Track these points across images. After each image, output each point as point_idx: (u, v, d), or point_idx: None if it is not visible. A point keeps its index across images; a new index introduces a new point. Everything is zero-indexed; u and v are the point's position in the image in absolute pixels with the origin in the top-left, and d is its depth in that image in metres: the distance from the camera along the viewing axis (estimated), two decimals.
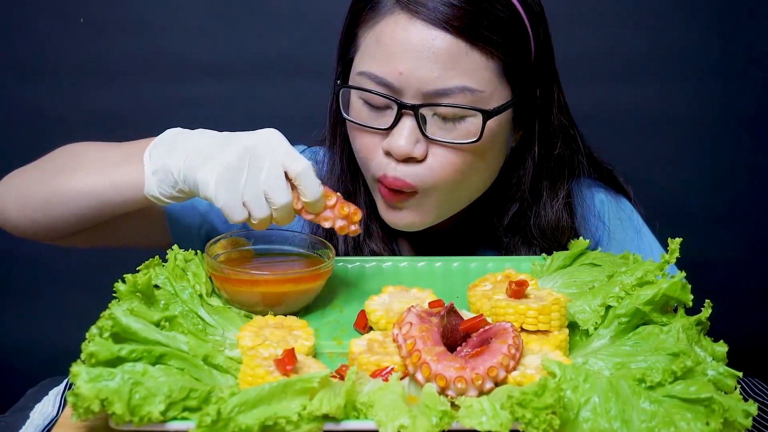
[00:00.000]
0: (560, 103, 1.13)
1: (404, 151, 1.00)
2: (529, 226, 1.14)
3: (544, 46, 1.08)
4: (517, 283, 0.88)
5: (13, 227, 1.10)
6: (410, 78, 0.98)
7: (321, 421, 0.69)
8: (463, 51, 0.98)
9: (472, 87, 0.99)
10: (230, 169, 0.88)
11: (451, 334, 0.80)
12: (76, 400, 0.68)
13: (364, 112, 1.04)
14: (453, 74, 0.98)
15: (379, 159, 1.04)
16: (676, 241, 0.92)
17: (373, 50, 1.02)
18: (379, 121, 1.03)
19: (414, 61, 0.98)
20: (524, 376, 0.75)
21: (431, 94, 0.99)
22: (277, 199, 0.89)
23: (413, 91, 0.99)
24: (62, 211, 1.03)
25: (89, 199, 1.00)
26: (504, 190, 1.14)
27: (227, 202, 0.88)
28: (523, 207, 1.14)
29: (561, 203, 1.14)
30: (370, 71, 1.01)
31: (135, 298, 0.87)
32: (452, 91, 0.98)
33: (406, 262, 1.09)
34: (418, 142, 1.01)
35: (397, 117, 1.00)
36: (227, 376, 0.79)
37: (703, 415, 0.69)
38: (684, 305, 0.87)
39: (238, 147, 0.89)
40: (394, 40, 0.99)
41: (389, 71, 0.99)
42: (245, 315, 0.95)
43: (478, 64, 0.99)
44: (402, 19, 0.99)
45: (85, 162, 1.03)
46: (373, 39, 1.02)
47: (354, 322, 0.96)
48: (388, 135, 1.02)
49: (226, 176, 0.88)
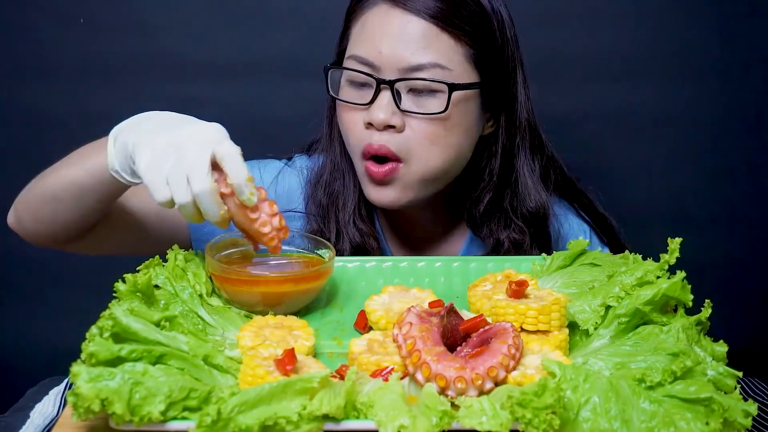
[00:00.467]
0: (525, 98, 1.22)
1: (381, 120, 1.12)
2: (509, 208, 1.24)
3: (511, 46, 1.19)
4: (517, 283, 0.88)
5: (28, 234, 1.16)
6: (389, 56, 1.12)
7: (321, 421, 0.69)
8: (435, 33, 1.12)
9: (442, 64, 1.12)
10: (163, 150, 0.90)
11: (451, 334, 0.80)
12: (76, 399, 0.68)
13: (350, 91, 1.17)
14: (426, 52, 1.11)
15: (362, 131, 1.15)
16: (676, 241, 0.92)
17: (358, 36, 1.16)
18: (361, 98, 1.15)
19: (392, 41, 1.12)
20: (524, 376, 0.75)
21: (406, 69, 1.12)
22: (195, 183, 0.88)
23: (391, 68, 1.12)
24: (55, 207, 1.08)
25: (71, 188, 1.05)
26: (477, 178, 1.24)
27: (152, 179, 0.89)
28: (501, 191, 1.24)
29: (537, 182, 1.24)
30: (356, 53, 1.15)
31: (135, 298, 0.87)
32: (425, 66, 1.11)
33: (406, 263, 1.09)
34: (394, 114, 1.13)
35: (376, 92, 1.13)
36: (227, 376, 0.79)
37: (703, 415, 0.69)
38: (684, 305, 0.87)
39: (178, 131, 0.91)
40: (375, 25, 1.14)
41: (371, 51, 1.13)
42: (245, 315, 0.95)
43: (448, 46, 1.13)
44: (383, 8, 1.14)
45: (68, 159, 1.10)
46: (359, 27, 1.16)
47: (354, 322, 0.96)
48: (369, 109, 1.13)
49: (158, 155, 0.90)
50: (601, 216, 1.34)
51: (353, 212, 1.24)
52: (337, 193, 1.25)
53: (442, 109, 1.12)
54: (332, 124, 1.26)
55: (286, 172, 1.30)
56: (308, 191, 1.28)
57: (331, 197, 1.25)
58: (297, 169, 1.30)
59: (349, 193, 1.25)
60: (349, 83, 1.17)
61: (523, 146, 1.23)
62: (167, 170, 0.89)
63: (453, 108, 1.13)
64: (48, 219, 1.10)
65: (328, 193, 1.25)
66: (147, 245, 1.23)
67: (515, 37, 1.20)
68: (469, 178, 1.24)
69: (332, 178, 1.26)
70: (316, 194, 1.26)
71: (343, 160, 1.25)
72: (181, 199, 0.88)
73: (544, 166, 1.26)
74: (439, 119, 1.13)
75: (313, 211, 1.26)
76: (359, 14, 1.17)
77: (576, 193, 1.34)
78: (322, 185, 1.26)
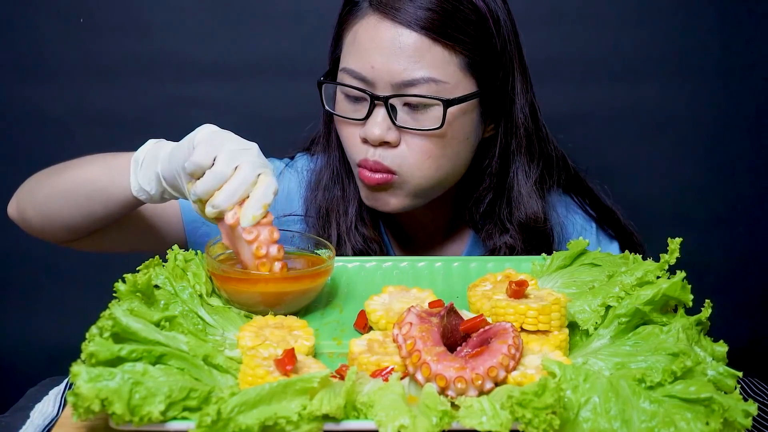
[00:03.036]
0: (525, 99, 1.20)
1: (377, 137, 1.10)
2: (503, 214, 1.22)
3: (509, 47, 1.16)
4: (517, 283, 0.88)
5: (31, 226, 1.17)
6: (381, 71, 1.09)
7: (321, 421, 0.69)
8: (427, 46, 1.08)
9: (436, 78, 1.09)
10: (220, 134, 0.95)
11: (451, 334, 0.80)
12: (76, 399, 0.68)
13: (345, 105, 1.15)
14: (419, 66, 1.08)
15: (359, 146, 1.14)
16: (676, 241, 0.92)
17: (350, 48, 1.13)
18: (357, 113, 1.13)
19: (384, 56, 1.09)
20: (524, 376, 0.75)
21: (399, 84, 1.09)
22: (245, 167, 0.92)
23: (384, 84, 1.10)
24: (63, 203, 1.10)
25: (84, 186, 1.08)
26: (477, 180, 1.23)
27: (206, 150, 0.93)
28: (497, 196, 1.23)
29: (531, 190, 1.21)
30: (349, 67, 1.12)
31: (135, 298, 0.87)
32: (418, 82, 1.08)
33: (406, 263, 1.09)
34: (390, 130, 1.11)
35: (371, 108, 1.11)
36: (227, 376, 0.79)
37: (703, 415, 0.69)
38: (684, 305, 0.87)
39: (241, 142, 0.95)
40: (366, 38, 1.11)
41: (363, 66, 1.10)
42: (245, 315, 0.95)
43: (442, 58, 1.09)
44: (374, 20, 1.11)
45: (82, 160, 1.12)
46: (351, 38, 1.14)
47: (354, 322, 0.96)
48: (365, 124, 1.12)
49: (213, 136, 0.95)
50: (608, 210, 1.31)
51: (355, 218, 1.23)
52: (338, 200, 1.24)
53: (438, 125, 1.09)
54: (330, 130, 1.25)
55: (286, 174, 1.29)
56: (307, 195, 1.27)
57: (331, 203, 1.24)
58: (297, 170, 1.30)
59: (350, 200, 1.24)
60: (344, 96, 1.15)
61: (519, 152, 1.20)
62: (224, 147, 0.92)
63: (449, 122, 1.10)
64: (53, 213, 1.11)
65: (327, 199, 1.24)
66: (144, 245, 1.23)
67: (515, 35, 1.17)
68: (472, 179, 1.23)
69: (332, 183, 1.25)
70: (316, 199, 1.25)
71: (342, 167, 1.24)
72: (224, 168, 0.92)
73: (543, 169, 1.23)
74: (435, 135, 1.11)
75: (312, 215, 1.25)
76: (350, 24, 1.14)
77: (583, 189, 1.32)
78: (322, 191, 1.25)
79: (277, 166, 1.30)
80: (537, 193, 1.22)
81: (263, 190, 0.92)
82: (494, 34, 1.13)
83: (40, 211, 1.13)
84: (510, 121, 1.19)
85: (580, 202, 1.32)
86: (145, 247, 1.24)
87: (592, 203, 1.32)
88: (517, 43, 1.18)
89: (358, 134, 1.13)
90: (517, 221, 1.21)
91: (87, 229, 1.14)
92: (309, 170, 1.29)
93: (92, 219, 1.11)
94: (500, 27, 1.14)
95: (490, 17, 1.12)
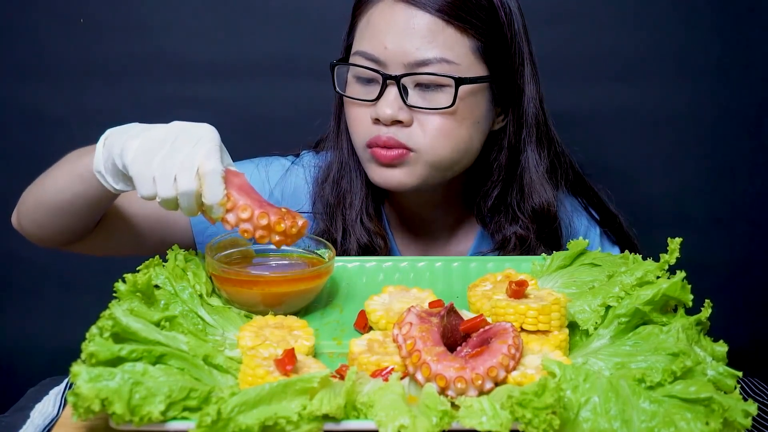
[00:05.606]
0: (535, 91, 1.21)
1: (388, 116, 1.11)
2: (514, 202, 1.23)
3: (519, 38, 1.18)
4: (517, 283, 0.88)
5: (29, 235, 1.17)
6: (394, 51, 1.11)
7: (321, 421, 0.69)
8: (441, 27, 1.11)
9: (448, 58, 1.11)
10: (151, 145, 0.89)
11: (451, 334, 0.80)
12: (76, 399, 0.68)
13: (356, 87, 1.16)
14: (431, 47, 1.10)
15: (369, 127, 1.14)
16: (676, 241, 0.92)
17: (364, 31, 1.16)
18: (368, 95, 1.14)
19: (397, 36, 1.11)
20: (524, 376, 0.75)
21: (412, 64, 1.11)
22: (181, 183, 0.88)
23: (396, 64, 1.11)
24: (49, 210, 1.09)
25: (63, 193, 1.06)
26: (485, 174, 1.24)
27: (139, 172, 0.89)
28: (507, 185, 1.23)
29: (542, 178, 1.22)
30: (362, 49, 1.14)
31: (135, 298, 0.87)
32: (430, 61, 1.10)
33: (406, 263, 1.09)
34: (401, 109, 1.12)
35: (383, 88, 1.12)
36: (227, 376, 0.79)
37: (703, 415, 0.69)
38: (684, 305, 0.87)
39: (167, 129, 0.90)
40: (380, 20, 1.13)
41: (376, 46, 1.12)
42: (245, 315, 0.95)
43: (455, 40, 1.11)
44: (389, 3, 1.13)
45: (58, 165, 1.11)
46: (365, 22, 1.16)
47: (354, 322, 0.96)
48: (376, 105, 1.13)
49: (146, 149, 0.89)
50: (611, 215, 1.32)
51: (360, 211, 1.23)
52: (345, 192, 1.24)
53: (449, 104, 1.11)
54: (339, 121, 1.25)
55: (292, 171, 1.29)
56: (315, 190, 1.27)
57: (338, 196, 1.24)
58: (304, 166, 1.29)
59: (357, 192, 1.24)
60: (355, 79, 1.16)
61: (529, 141, 1.21)
62: (155, 166, 0.88)
63: (460, 102, 1.12)
64: (45, 223, 1.11)
65: (335, 191, 1.24)
66: (151, 247, 1.23)
67: (524, 29, 1.19)
68: (479, 173, 1.24)
69: (339, 176, 1.25)
70: (323, 193, 1.25)
71: (350, 158, 1.24)
72: (164, 194, 0.88)
73: (551, 162, 1.24)
74: (446, 113, 1.12)
75: (319, 210, 1.25)
76: (365, 9, 1.16)
77: (586, 191, 1.33)
78: (330, 183, 1.25)
79: (282, 164, 1.30)
80: (548, 182, 1.23)
81: (208, 183, 0.88)
82: (505, 23, 1.15)
83: (33, 221, 1.13)
84: (520, 110, 1.20)
85: (585, 205, 1.33)
86: (152, 250, 1.24)
87: (597, 207, 1.33)
88: (526, 37, 1.20)
89: (369, 115, 1.14)
90: (529, 209, 1.22)
91: (83, 228, 1.13)
92: (315, 165, 1.28)
93: (80, 219, 1.10)
94: (511, 18, 1.16)
95: (500, 7, 1.15)
